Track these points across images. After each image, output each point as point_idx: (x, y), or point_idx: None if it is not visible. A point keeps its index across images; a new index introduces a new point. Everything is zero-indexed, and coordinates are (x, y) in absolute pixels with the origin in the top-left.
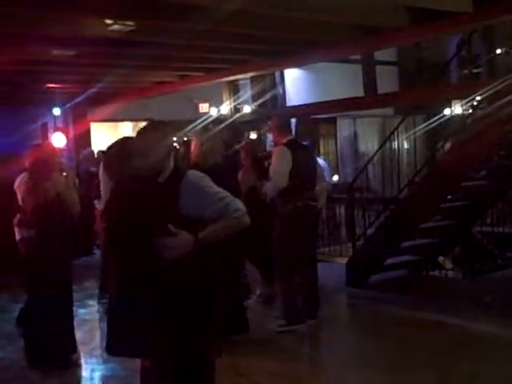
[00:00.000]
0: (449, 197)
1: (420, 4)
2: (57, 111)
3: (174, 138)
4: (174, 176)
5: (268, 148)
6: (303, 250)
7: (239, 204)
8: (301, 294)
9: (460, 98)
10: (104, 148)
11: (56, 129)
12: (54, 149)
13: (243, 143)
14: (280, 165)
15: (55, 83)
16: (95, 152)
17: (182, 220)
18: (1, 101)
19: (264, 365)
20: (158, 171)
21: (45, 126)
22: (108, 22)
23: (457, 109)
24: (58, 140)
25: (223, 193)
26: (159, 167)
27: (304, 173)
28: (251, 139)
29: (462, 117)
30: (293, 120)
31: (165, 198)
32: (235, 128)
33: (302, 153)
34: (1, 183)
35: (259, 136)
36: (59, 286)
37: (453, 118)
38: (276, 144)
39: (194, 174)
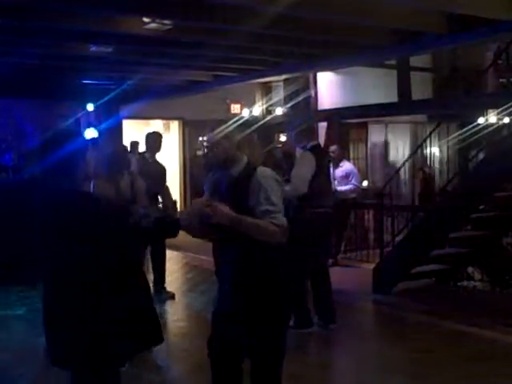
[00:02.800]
0: (481, 207)
1: (459, 10)
2: (90, 107)
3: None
4: (248, 171)
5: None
6: (315, 256)
7: (282, 220)
8: (314, 300)
9: (495, 106)
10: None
11: (89, 124)
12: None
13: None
14: (303, 170)
15: (90, 79)
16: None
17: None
18: (36, 95)
19: (285, 368)
20: (227, 165)
21: (78, 121)
22: (146, 20)
23: (491, 118)
24: (91, 136)
25: (276, 203)
26: (228, 162)
27: (324, 180)
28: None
29: (496, 126)
30: (323, 123)
31: (237, 190)
32: (266, 129)
33: (324, 159)
34: (34, 180)
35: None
36: None
37: (487, 127)
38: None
39: (261, 172)
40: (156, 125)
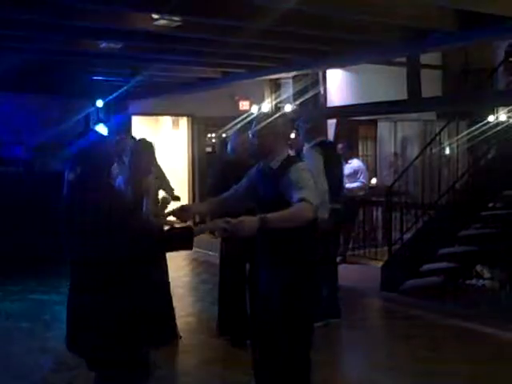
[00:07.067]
0: (490, 205)
1: (469, 7)
2: (99, 103)
3: (286, 129)
4: (285, 165)
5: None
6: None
7: (309, 196)
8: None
9: (506, 104)
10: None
11: (98, 121)
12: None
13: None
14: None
15: (100, 75)
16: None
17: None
18: (45, 91)
19: None
20: (269, 158)
21: (87, 117)
22: (155, 16)
23: (501, 116)
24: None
25: (306, 187)
26: (266, 154)
27: (332, 176)
28: None
29: (507, 124)
30: (333, 121)
31: (274, 183)
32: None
33: (332, 155)
34: (44, 173)
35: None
36: None
37: (497, 125)
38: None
39: (296, 167)
40: (166, 121)
